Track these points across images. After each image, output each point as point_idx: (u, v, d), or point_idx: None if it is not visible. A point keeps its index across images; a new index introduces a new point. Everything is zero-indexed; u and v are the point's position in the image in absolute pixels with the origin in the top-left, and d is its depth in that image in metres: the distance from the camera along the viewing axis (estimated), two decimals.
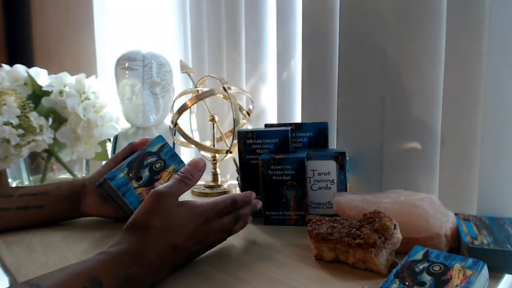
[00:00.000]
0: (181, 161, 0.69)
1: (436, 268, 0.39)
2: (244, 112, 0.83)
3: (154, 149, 0.65)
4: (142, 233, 0.42)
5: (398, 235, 0.45)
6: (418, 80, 0.64)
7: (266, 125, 0.71)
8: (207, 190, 0.83)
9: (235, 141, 0.75)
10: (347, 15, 0.71)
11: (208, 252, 0.51)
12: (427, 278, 0.38)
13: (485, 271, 0.39)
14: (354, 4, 0.70)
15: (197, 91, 0.83)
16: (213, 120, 0.83)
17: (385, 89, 0.68)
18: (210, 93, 0.76)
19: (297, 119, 0.86)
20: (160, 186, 0.46)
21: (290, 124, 0.69)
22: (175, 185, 0.46)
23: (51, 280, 0.34)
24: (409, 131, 0.66)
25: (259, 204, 0.54)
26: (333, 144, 0.78)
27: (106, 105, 0.86)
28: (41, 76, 0.86)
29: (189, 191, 0.85)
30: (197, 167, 0.48)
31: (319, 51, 0.78)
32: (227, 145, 0.79)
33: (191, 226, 0.45)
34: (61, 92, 0.83)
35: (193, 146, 0.81)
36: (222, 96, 0.84)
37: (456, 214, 0.52)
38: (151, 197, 0.44)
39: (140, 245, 0.41)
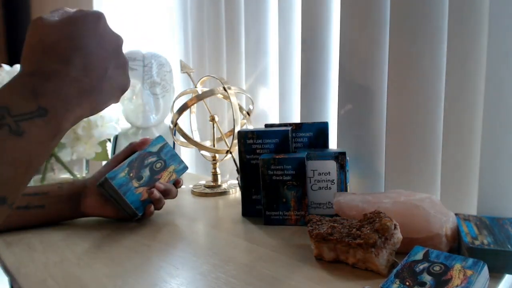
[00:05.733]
0: (181, 161, 0.69)
1: (437, 268, 0.39)
2: (244, 112, 0.83)
3: (155, 149, 0.65)
4: (36, 53, 0.34)
5: (398, 235, 0.45)
6: (419, 80, 0.64)
7: (266, 125, 0.71)
8: (207, 190, 0.83)
9: (235, 141, 0.75)
10: (347, 14, 0.71)
11: (208, 252, 0.51)
12: (427, 278, 0.38)
13: (485, 271, 0.39)
14: (354, 3, 0.70)
15: (197, 91, 0.83)
16: (213, 120, 0.83)
17: (385, 89, 0.68)
18: (210, 93, 0.76)
19: (298, 119, 0.86)
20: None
21: (290, 124, 0.69)
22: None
23: None
24: (409, 131, 0.66)
25: None
26: (335, 144, 0.78)
27: None
28: None
29: (189, 191, 0.86)
30: None
31: (319, 51, 0.79)
32: (227, 145, 0.79)
33: (91, 25, 0.36)
34: None
35: (193, 146, 0.81)
36: (222, 96, 0.84)
37: (456, 214, 0.52)
38: (30, 25, 0.35)
39: (44, 63, 0.33)
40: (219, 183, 0.85)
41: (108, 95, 0.37)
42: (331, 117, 0.80)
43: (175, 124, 0.79)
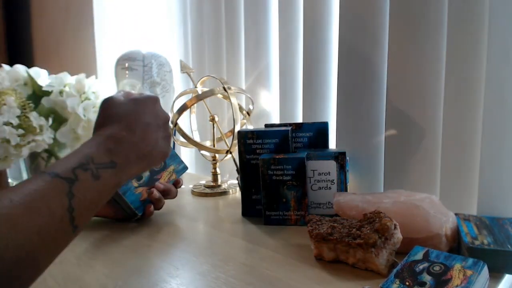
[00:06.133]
0: (181, 161, 0.69)
1: (436, 268, 0.39)
2: (244, 112, 0.83)
3: None
4: (109, 122, 0.43)
5: (398, 235, 0.45)
6: (419, 80, 0.64)
7: (266, 125, 0.70)
8: (207, 190, 0.83)
9: (235, 141, 0.75)
10: (347, 15, 0.71)
11: (208, 252, 0.51)
12: (427, 278, 0.38)
13: (485, 271, 0.39)
14: (354, 4, 0.70)
15: (197, 91, 0.83)
16: (213, 120, 0.83)
17: (385, 89, 0.68)
18: (210, 93, 0.76)
19: (298, 119, 0.86)
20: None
21: (290, 124, 0.69)
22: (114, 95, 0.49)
23: (53, 168, 0.36)
24: (409, 131, 0.66)
25: None
26: (335, 144, 0.78)
27: None
28: (41, 76, 0.86)
29: (189, 191, 0.86)
30: None
31: (320, 51, 0.79)
32: (227, 145, 0.79)
33: (149, 105, 0.47)
34: (61, 92, 0.83)
35: (193, 146, 0.81)
36: (222, 96, 0.84)
37: (456, 214, 0.52)
38: (102, 104, 0.46)
39: (113, 130, 0.42)
40: (219, 183, 0.85)
41: (155, 159, 0.46)
42: (331, 117, 0.80)
43: (175, 124, 0.79)
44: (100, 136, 0.41)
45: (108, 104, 0.45)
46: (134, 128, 0.43)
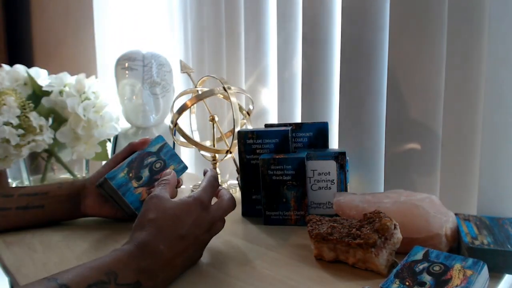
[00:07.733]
0: (181, 161, 0.69)
1: (436, 268, 0.39)
2: (244, 112, 0.83)
3: (154, 149, 0.65)
4: (148, 227, 0.42)
5: (398, 235, 0.45)
6: (419, 81, 0.64)
7: (266, 125, 0.71)
8: None
9: (235, 141, 0.75)
10: (347, 15, 0.71)
11: (208, 252, 0.51)
12: (427, 278, 0.38)
13: (485, 271, 0.39)
14: (354, 4, 0.70)
15: (197, 91, 0.83)
16: (213, 120, 0.83)
17: (385, 89, 0.68)
18: (210, 93, 0.76)
19: (298, 119, 0.86)
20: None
21: (290, 124, 0.69)
22: (160, 189, 0.48)
23: (68, 275, 0.34)
24: (409, 131, 0.66)
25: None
26: (335, 144, 0.78)
27: (106, 105, 0.86)
28: (41, 76, 0.86)
29: (189, 191, 0.85)
30: (167, 174, 0.55)
31: (320, 50, 0.78)
32: (227, 145, 0.79)
33: (193, 215, 0.45)
34: (61, 92, 0.83)
35: (193, 146, 0.81)
36: (222, 96, 0.84)
37: (456, 214, 0.52)
38: (146, 201, 0.46)
39: (150, 238, 0.41)
40: (219, 183, 0.85)
41: (183, 270, 0.45)
42: (331, 117, 0.80)
43: (175, 124, 0.79)
44: (132, 245, 0.40)
45: (153, 204, 0.44)
46: (174, 243, 0.42)
